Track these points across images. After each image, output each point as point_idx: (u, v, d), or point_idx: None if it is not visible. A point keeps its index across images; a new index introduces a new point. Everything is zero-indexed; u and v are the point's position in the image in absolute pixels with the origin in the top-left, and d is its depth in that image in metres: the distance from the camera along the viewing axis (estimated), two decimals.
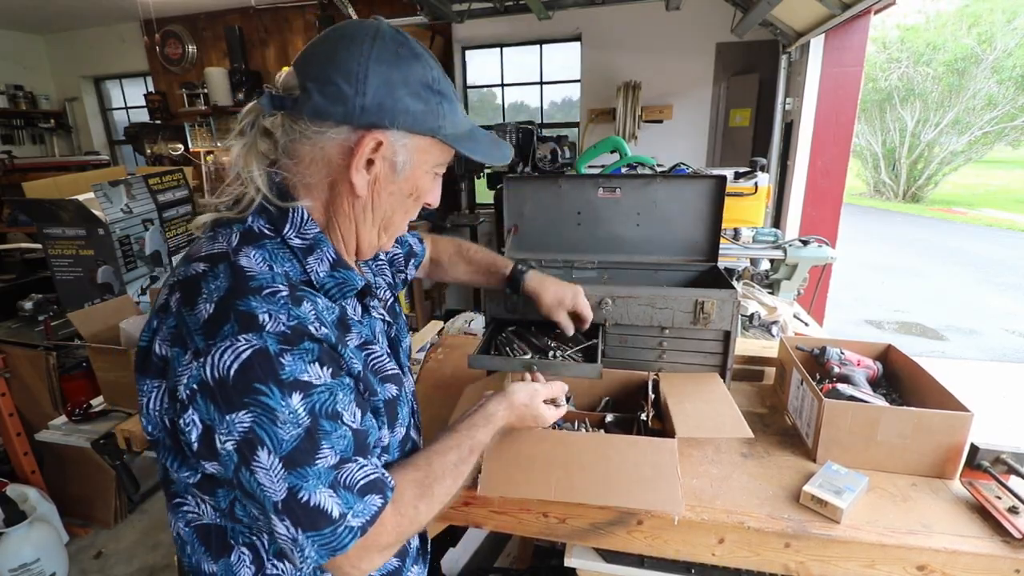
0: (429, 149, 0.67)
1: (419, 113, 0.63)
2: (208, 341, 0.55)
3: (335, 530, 0.57)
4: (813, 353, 1.30)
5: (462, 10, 3.72)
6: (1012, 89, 11.91)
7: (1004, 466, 0.93)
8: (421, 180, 0.69)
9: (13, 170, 4.96)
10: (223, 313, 0.56)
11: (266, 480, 0.55)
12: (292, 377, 0.55)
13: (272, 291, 0.58)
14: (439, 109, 0.65)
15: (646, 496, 0.91)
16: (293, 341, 0.56)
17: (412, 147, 0.65)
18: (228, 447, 0.55)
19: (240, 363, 0.54)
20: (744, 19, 2.98)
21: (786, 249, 2.06)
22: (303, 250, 0.65)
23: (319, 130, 0.62)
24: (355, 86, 0.60)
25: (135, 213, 2.49)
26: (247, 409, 0.54)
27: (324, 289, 0.66)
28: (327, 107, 0.60)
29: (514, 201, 1.51)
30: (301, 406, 0.56)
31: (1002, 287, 6.30)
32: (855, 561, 0.88)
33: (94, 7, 4.67)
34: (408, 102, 0.62)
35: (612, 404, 1.23)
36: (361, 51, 0.61)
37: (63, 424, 1.57)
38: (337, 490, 0.57)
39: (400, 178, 0.66)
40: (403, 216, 0.72)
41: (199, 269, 0.60)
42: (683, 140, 4.02)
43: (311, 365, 0.57)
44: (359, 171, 0.63)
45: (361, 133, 0.62)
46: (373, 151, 0.63)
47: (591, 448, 0.97)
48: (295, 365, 0.56)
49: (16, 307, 2.46)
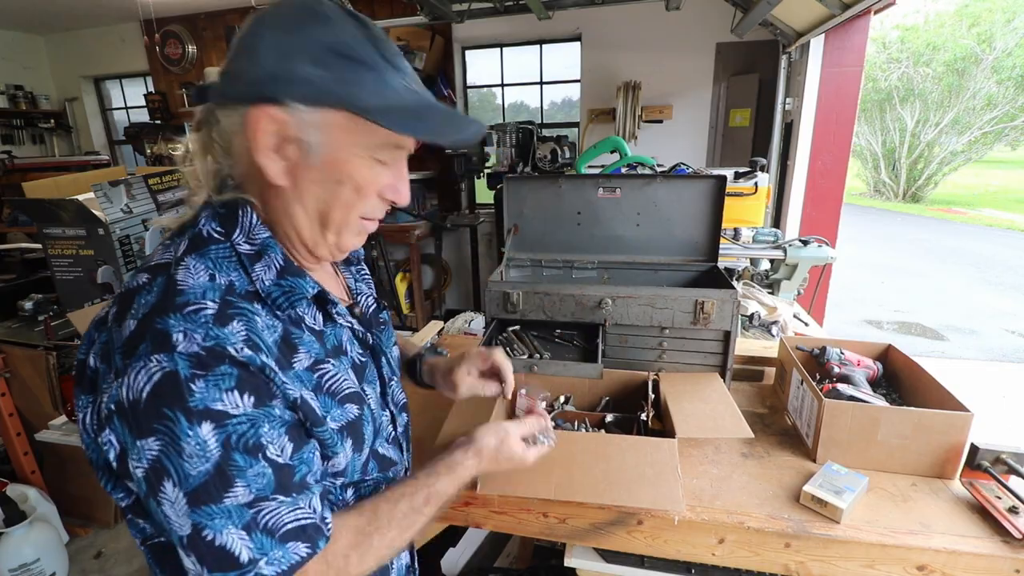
0: (349, 127, 0.57)
1: (322, 82, 0.54)
2: (125, 360, 0.51)
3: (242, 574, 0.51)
4: (813, 353, 1.30)
5: (462, 10, 3.71)
6: (1012, 89, 11.91)
7: (1004, 466, 0.93)
8: (350, 166, 0.59)
9: (13, 170, 4.96)
10: (141, 331, 0.52)
11: (171, 513, 0.51)
12: (203, 405, 0.50)
13: (196, 308, 0.52)
14: (352, 76, 0.55)
15: (646, 495, 0.92)
16: (207, 364, 0.51)
17: (322, 124, 0.56)
18: (139, 474, 0.51)
19: (151, 386, 0.49)
20: (744, 19, 2.97)
21: (786, 249, 2.06)
22: (251, 256, 0.59)
23: (228, 115, 0.57)
24: (251, 58, 0.55)
25: (135, 213, 2.49)
26: (155, 436, 0.50)
27: (271, 299, 0.60)
28: (228, 88, 0.56)
29: (514, 201, 1.51)
30: (212, 437, 0.50)
31: (1002, 287, 6.30)
32: (855, 561, 0.88)
33: (94, 7, 4.67)
34: (307, 70, 0.53)
35: (612, 404, 1.24)
36: (260, 21, 0.55)
37: (63, 424, 1.57)
38: (252, 532, 0.51)
39: (315, 161, 0.57)
40: (344, 210, 0.62)
41: (141, 281, 0.56)
42: (683, 140, 4.02)
43: (228, 393, 0.51)
44: (266, 155, 0.56)
45: (245, 109, 0.55)
46: (274, 131, 0.55)
47: (591, 448, 0.98)
48: (207, 392, 0.50)
49: (16, 307, 2.46)
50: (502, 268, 1.47)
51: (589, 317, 1.24)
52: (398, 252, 4.44)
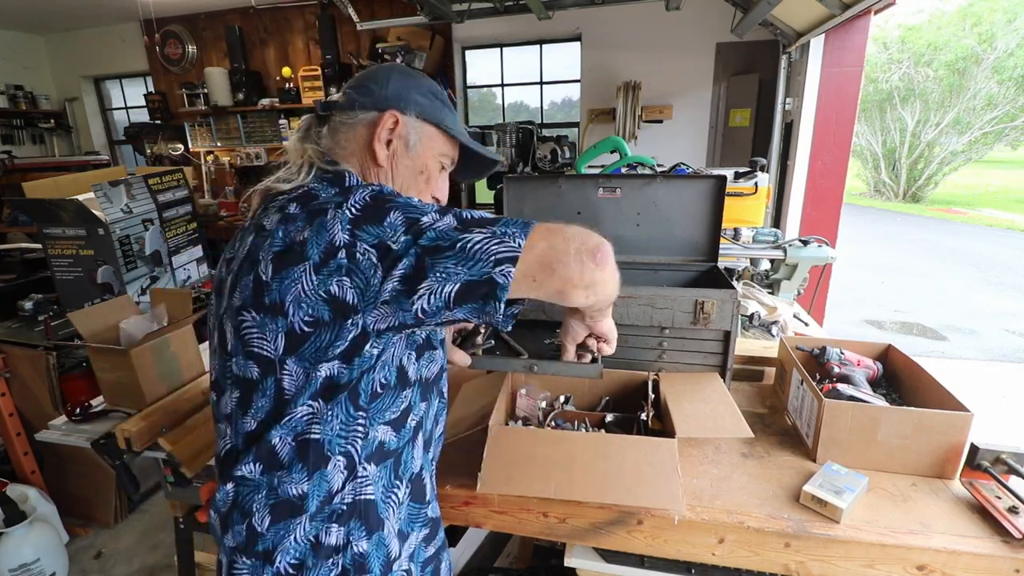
0: (436, 137, 0.85)
1: (427, 106, 0.83)
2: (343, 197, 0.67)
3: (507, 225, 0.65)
4: (813, 353, 1.30)
5: (462, 10, 3.71)
6: (1012, 89, 11.91)
7: (1004, 466, 0.93)
8: (429, 162, 0.85)
9: (13, 170, 4.96)
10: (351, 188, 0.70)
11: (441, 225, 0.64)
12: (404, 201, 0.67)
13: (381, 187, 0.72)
14: (442, 109, 0.85)
15: (646, 494, 0.92)
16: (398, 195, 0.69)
17: (421, 131, 0.83)
18: (400, 239, 0.63)
19: (371, 194, 0.67)
20: (744, 19, 2.98)
21: (786, 249, 2.06)
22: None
23: (354, 117, 0.80)
24: (380, 85, 0.81)
25: (135, 213, 2.49)
26: (394, 209, 0.65)
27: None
28: (360, 99, 0.80)
29: (514, 201, 1.51)
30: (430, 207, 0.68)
31: (1002, 287, 6.30)
32: (855, 561, 0.88)
33: (94, 7, 4.67)
34: (419, 98, 0.82)
35: (612, 404, 1.24)
36: (388, 68, 0.85)
37: (63, 424, 1.57)
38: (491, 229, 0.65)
39: (412, 154, 0.82)
40: (416, 191, 0.84)
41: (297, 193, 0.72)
42: (683, 140, 4.02)
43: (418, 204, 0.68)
44: (380, 143, 0.79)
45: (381, 112, 0.79)
46: (391, 129, 0.79)
47: (591, 447, 0.97)
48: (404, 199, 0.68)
49: (16, 307, 2.45)
50: None
51: None
52: None
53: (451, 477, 1.01)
